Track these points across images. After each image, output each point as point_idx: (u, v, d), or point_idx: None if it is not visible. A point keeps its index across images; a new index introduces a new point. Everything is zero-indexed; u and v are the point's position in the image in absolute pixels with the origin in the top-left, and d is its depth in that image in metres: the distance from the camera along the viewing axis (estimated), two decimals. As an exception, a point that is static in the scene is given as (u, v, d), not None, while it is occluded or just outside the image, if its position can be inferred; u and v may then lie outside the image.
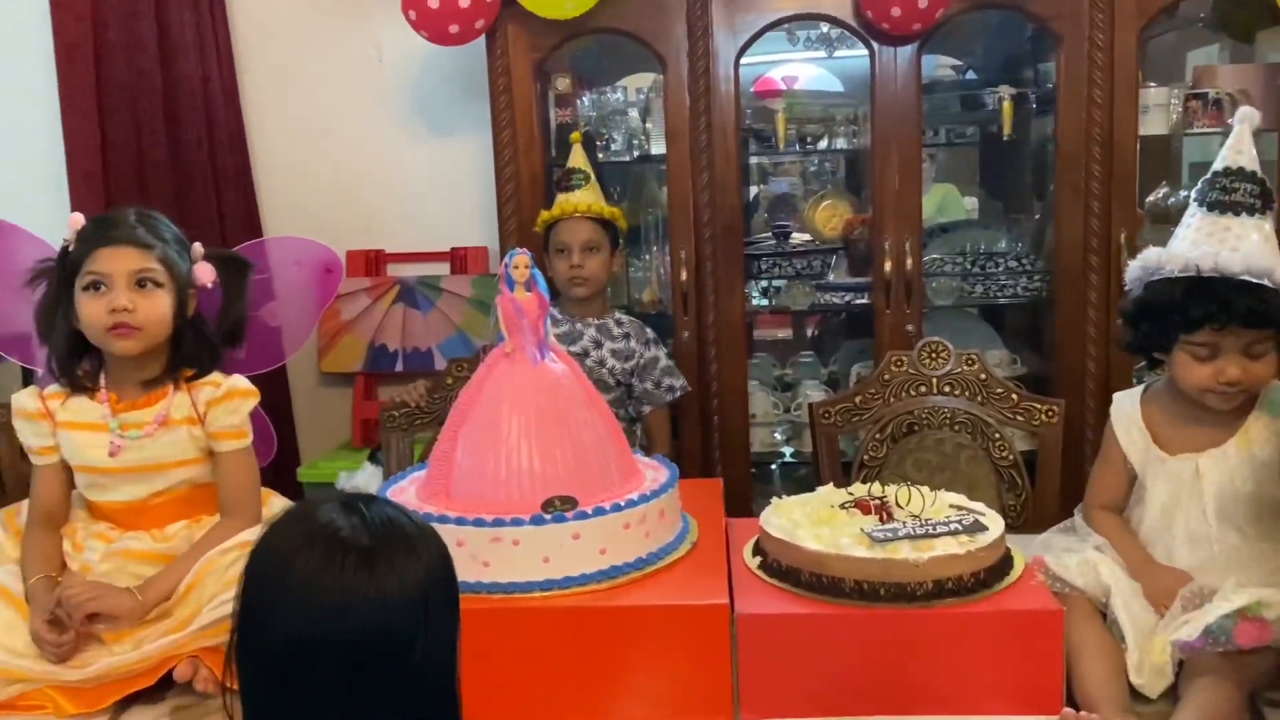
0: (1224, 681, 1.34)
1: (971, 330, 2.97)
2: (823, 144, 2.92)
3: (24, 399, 1.67)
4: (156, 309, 1.61)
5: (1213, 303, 1.46)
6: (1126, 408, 1.69)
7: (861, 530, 1.36)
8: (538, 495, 1.39)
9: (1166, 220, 3.00)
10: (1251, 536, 1.51)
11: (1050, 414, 2.16)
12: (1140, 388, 1.73)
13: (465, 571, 1.34)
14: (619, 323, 2.47)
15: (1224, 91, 2.63)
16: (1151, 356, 1.64)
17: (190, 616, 1.51)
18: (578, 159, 2.44)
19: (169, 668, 1.48)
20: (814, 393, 2.92)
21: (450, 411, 1.51)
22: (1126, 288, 1.67)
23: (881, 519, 1.42)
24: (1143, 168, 2.64)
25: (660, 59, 2.64)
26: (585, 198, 2.38)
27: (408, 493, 1.52)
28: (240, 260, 1.78)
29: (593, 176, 2.45)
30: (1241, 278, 1.45)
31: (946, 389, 2.22)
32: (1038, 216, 3.08)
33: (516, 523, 1.35)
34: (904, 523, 1.38)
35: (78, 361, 1.66)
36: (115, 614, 1.50)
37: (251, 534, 1.63)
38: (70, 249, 1.61)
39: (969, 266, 2.87)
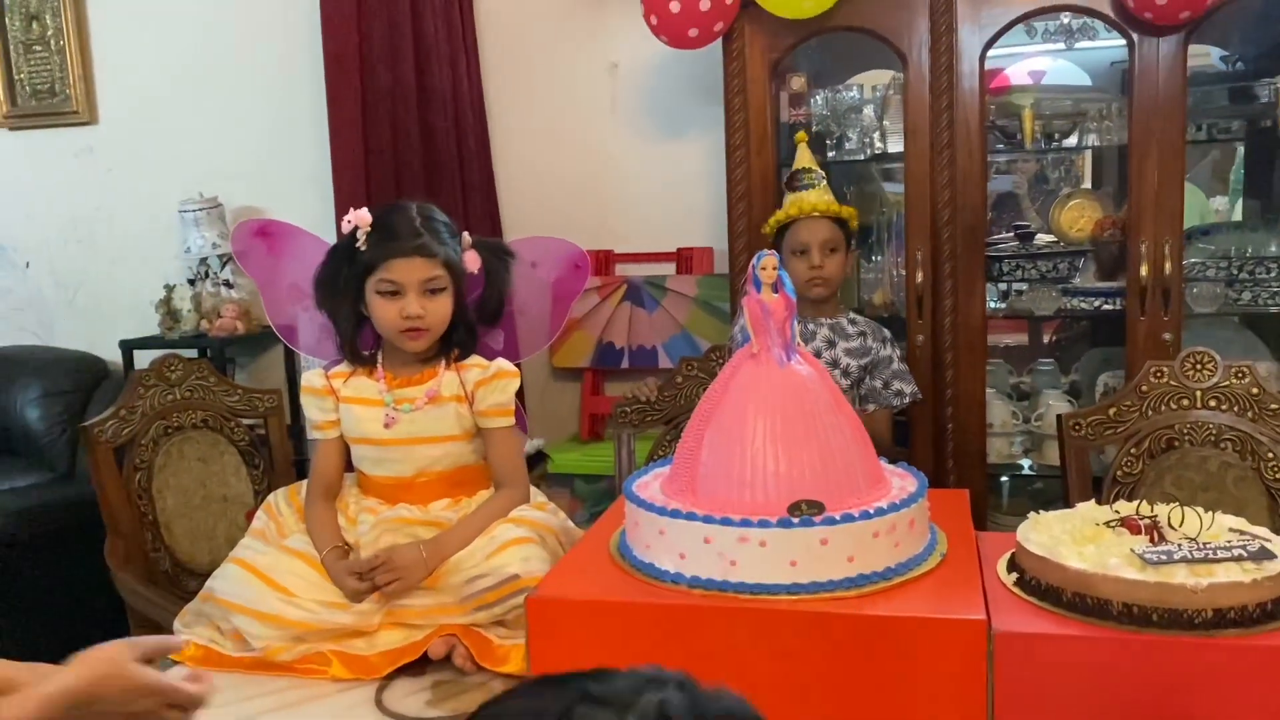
0: None
1: (1234, 340, 2.74)
2: (1071, 140, 2.77)
3: (312, 378, 1.83)
4: (442, 310, 1.76)
5: None
6: None
7: (1132, 551, 1.28)
8: (783, 498, 1.38)
9: None
10: None
11: (1335, 434, 1.96)
12: None
13: (712, 569, 1.37)
14: (853, 321, 2.43)
15: None
16: None
17: (457, 585, 1.61)
18: (805, 159, 2.42)
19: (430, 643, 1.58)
20: (1056, 403, 2.78)
21: (695, 410, 1.53)
22: None
23: (1153, 540, 1.33)
24: None
25: (900, 55, 2.58)
26: (821, 197, 2.35)
27: (652, 488, 1.55)
28: (504, 248, 1.90)
29: (824, 176, 2.42)
30: None
31: (1212, 403, 2.06)
32: None
33: (764, 524, 1.34)
34: (1179, 545, 1.29)
35: (360, 342, 1.80)
36: (403, 565, 1.62)
37: (524, 509, 1.74)
38: (361, 247, 1.74)
39: (1234, 272, 2.65)
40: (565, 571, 1.50)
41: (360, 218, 1.74)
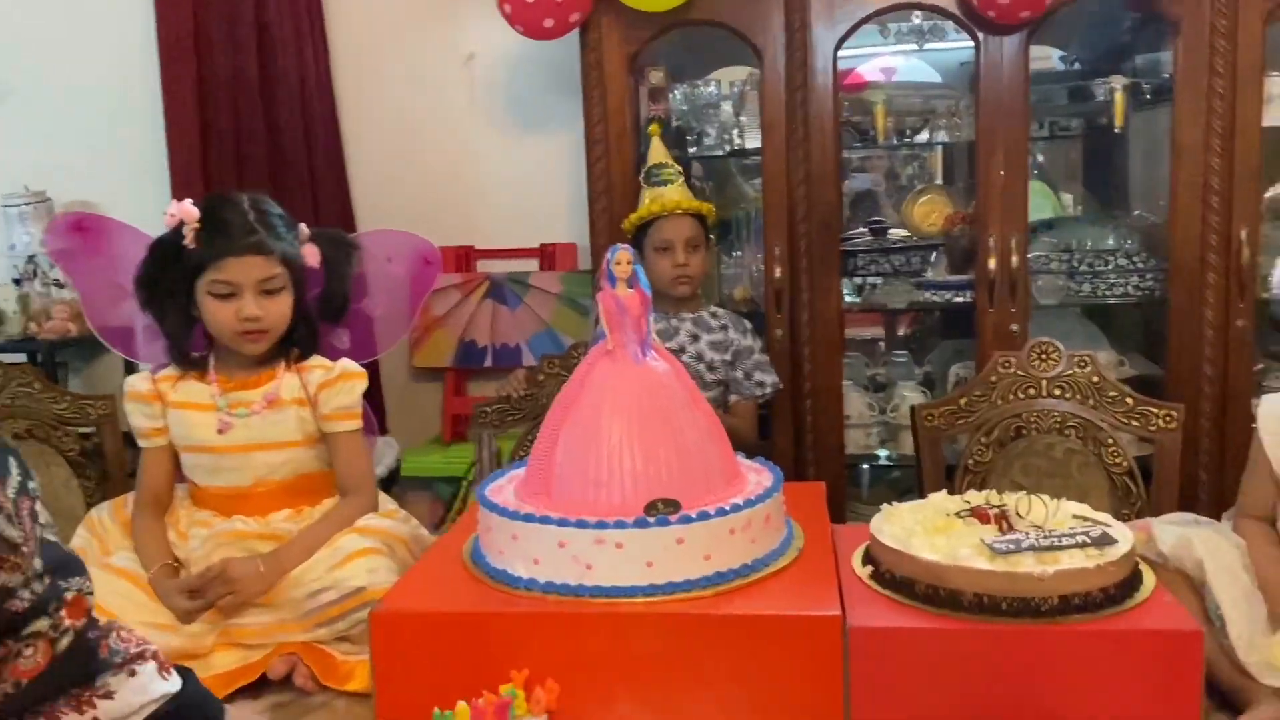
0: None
1: (1076, 331, 2.85)
2: (922, 137, 2.83)
3: (137, 381, 1.71)
4: (282, 309, 1.67)
5: None
6: (1276, 413, 1.59)
7: (981, 541, 1.29)
8: (640, 498, 1.35)
9: (1286, 218, 2.85)
10: None
11: (1169, 419, 2.05)
12: (1292, 392, 1.62)
13: (567, 574, 1.32)
14: (715, 315, 2.42)
15: (1356, 81, 2.48)
16: None
17: (297, 600, 1.52)
18: (660, 153, 2.40)
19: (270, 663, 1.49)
20: (910, 394, 2.84)
21: (549, 410, 1.48)
22: (1274, 291, 1.57)
23: (1001, 529, 1.35)
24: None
25: (756, 51, 2.58)
26: (681, 194, 2.34)
27: (506, 492, 1.50)
28: (344, 239, 1.81)
29: (681, 171, 2.40)
30: None
31: (1057, 392, 2.13)
32: (1136, 212, 2.95)
33: (620, 525, 1.31)
34: (1026, 533, 1.31)
35: (190, 344, 1.69)
36: (238, 578, 1.52)
37: (371, 518, 1.66)
38: (189, 244, 1.62)
39: (1075, 264, 2.75)
40: (412, 582, 1.43)
41: (186, 212, 1.62)
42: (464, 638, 1.31)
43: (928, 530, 1.36)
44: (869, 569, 1.39)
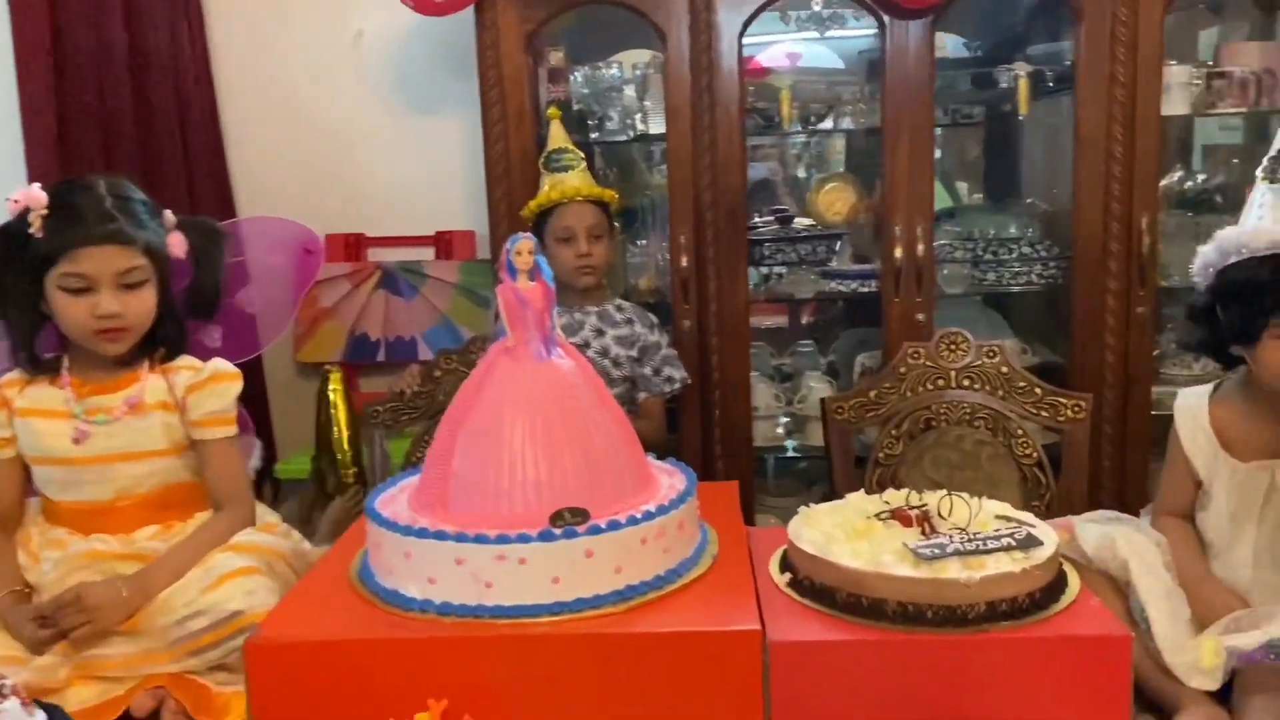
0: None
1: (978, 319, 2.85)
2: (827, 124, 2.78)
3: None
4: (144, 305, 1.52)
5: None
6: (1192, 408, 1.57)
7: (905, 545, 1.23)
8: (545, 508, 1.25)
9: (1183, 205, 2.89)
10: None
11: (1077, 409, 2.04)
12: (1206, 387, 1.61)
13: (465, 594, 1.22)
14: (620, 308, 2.33)
15: (1249, 70, 2.51)
16: (1227, 355, 1.52)
17: (165, 627, 1.38)
18: (560, 137, 2.30)
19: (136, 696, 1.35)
20: (816, 384, 2.80)
21: (445, 413, 1.37)
22: (1195, 279, 1.55)
23: (924, 531, 1.29)
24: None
25: (660, 33, 2.49)
26: (583, 180, 2.24)
27: (398, 503, 1.38)
28: (213, 227, 1.65)
29: (583, 158, 2.30)
30: None
31: (966, 383, 2.10)
32: (1029, 200, 2.95)
33: (523, 539, 1.21)
34: (950, 536, 1.25)
35: (37, 344, 1.52)
36: (95, 605, 1.36)
37: (248, 533, 1.51)
38: (36, 233, 1.45)
39: (980, 253, 2.74)
40: (294, 605, 1.30)
41: (31, 197, 1.45)
42: (351, 667, 1.19)
43: (848, 535, 1.30)
44: (787, 576, 1.32)
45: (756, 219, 3.00)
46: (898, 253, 2.53)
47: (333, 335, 3.02)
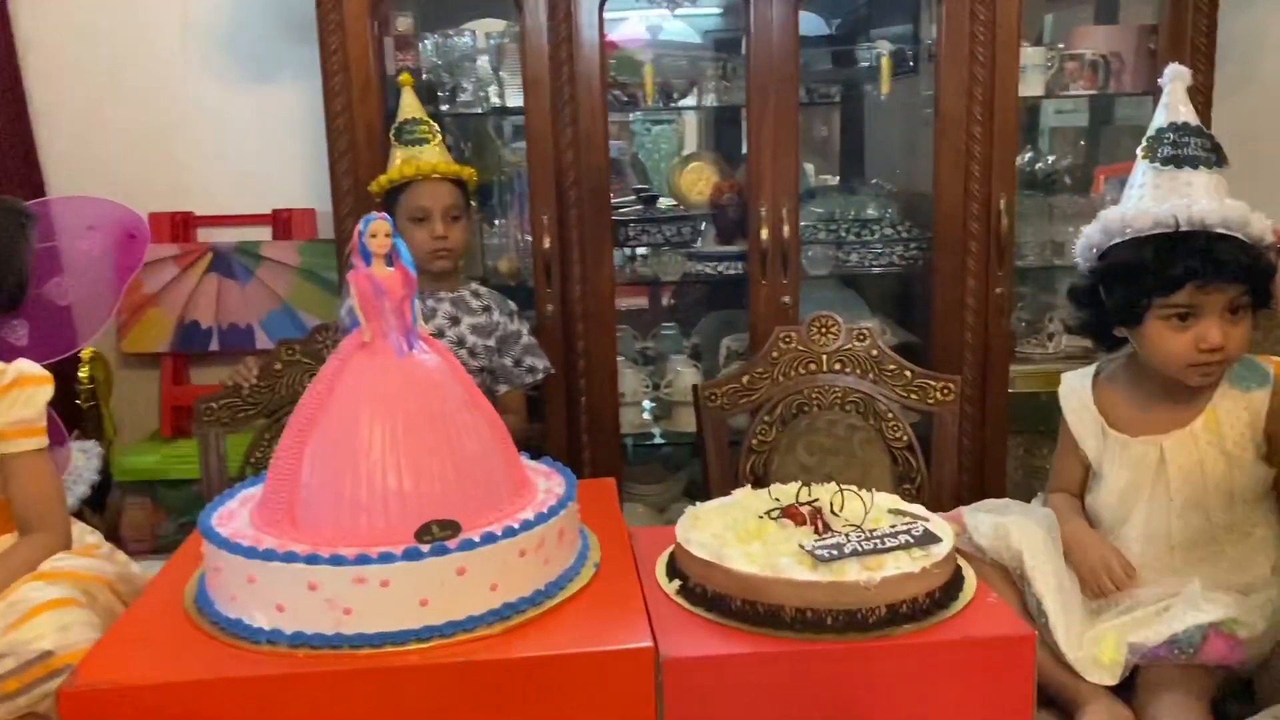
0: (1188, 698, 1.23)
1: (838, 301, 2.83)
2: (689, 100, 2.70)
3: None
4: None
5: (1194, 257, 1.33)
6: (1077, 390, 1.56)
7: (801, 547, 1.16)
8: (409, 522, 1.12)
9: (1033, 186, 2.95)
10: (1220, 526, 1.40)
11: (946, 391, 2.03)
12: (1090, 369, 1.60)
13: (321, 622, 1.08)
14: (476, 294, 2.19)
15: (1098, 53, 2.56)
16: (1110, 336, 1.50)
17: None
18: (413, 107, 2.14)
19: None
20: (682, 369, 2.73)
21: (291, 417, 1.21)
22: (1078, 260, 1.53)
23: (818, 530, 1.22)
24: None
25: (516, 1, 2.35)
26: (440, 156, 2.09)
27: (239, 518, 1.22)
28: (16, 208, 1.43)
29: (439, 131, 2.15)
30: (1218, 230, 1.34)
31: (837, 366, 2.06)
32: (875, 181, 2.96)
33: (386, 558, 1.08)
34: (846, 535, 1.19)
35: None
36: None
37: (62, 558, 1.32)
38: None
39: (842, 234, 2.72)
40: (116, 642, 1.12)
41: None
42: (188, 713, 1.04)
43: (740, 536, 1.22)
44: (676, 584, 1.23)
45: (623, 199, 2.90)
46: (764, 234, 2.47)
47: (159, 323, 2.77)
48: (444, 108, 2.58)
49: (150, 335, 2.77)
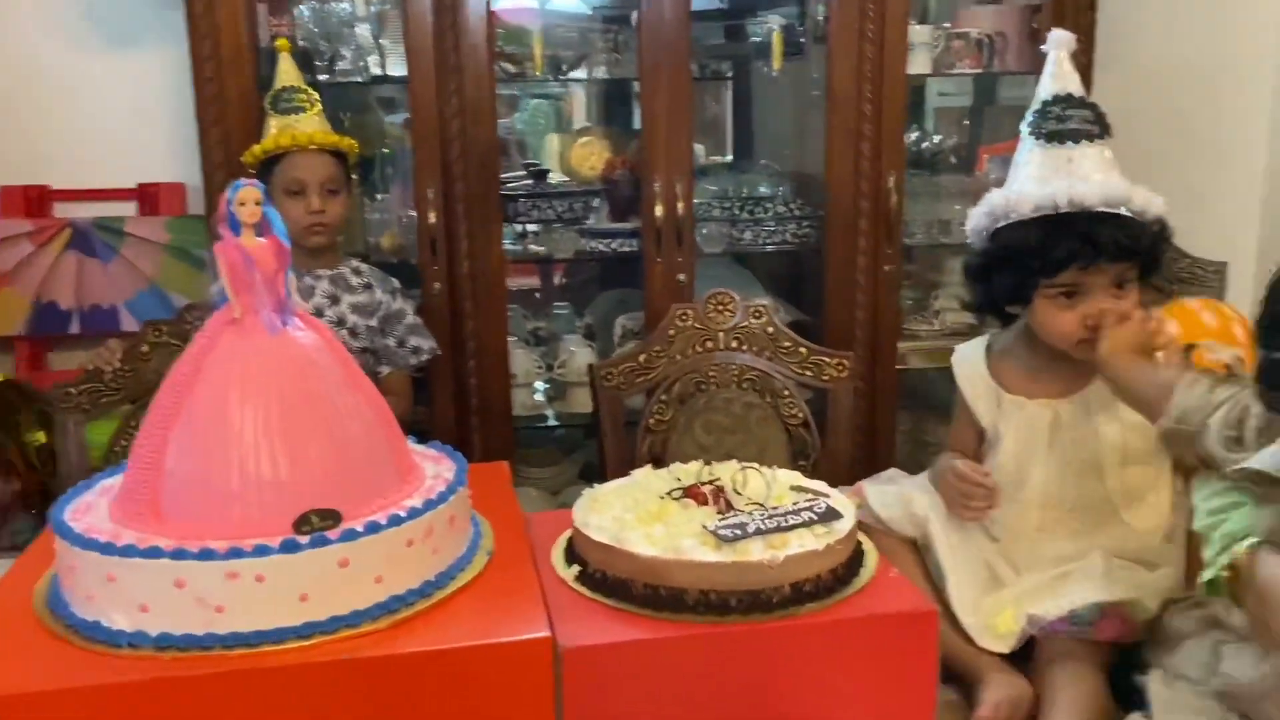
0: (1084, 668, 1.25)
1: (730, 278, 2.81)
2: (580, 73, 2.64)
3: None
4: None
5: (1075, 240, 1.34)
6: (970, 360, 1.57)
7: (704, 527, 1.12)
8: (287, 511, 1.04)
9: (919, 165, 2.98)
10: (1115, 490, 1.42)
11: (840, 367, 2.03)
12: (982, 339, 1.60)
13: (190, 622, 0.99)
14: (357, 271, 2.10)
15: (983, 33, 2.59)
16: (1004, 313, 1.51)
17: None
18: (290, 74, 2.04)
19: None
20: (576, 348, 2.68)
21: (154, 400, 1.12)
22: (969, 240, 1.53)
23: (720, 509, 1.19)
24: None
25: (398, -37, 2.26)
26: (317, 126, 1.98)
27: (98, 510, 1.12)
28: None
29: (318, 99, 2.04)
30: (1100, 209, 1.34)
31: (734, 344, 2.04)
32: (763, 161, 2.95)
33: (261, 551, 1.00)
34: (750, 514, 1.15)
35: None
36: None
37: None
38: None
39: (736, 212, 2.70)
40: (-44, 653, 1.02)
41: None
42: (39, 728, 0.94)
43: (640, 518, 1.17)
44: (575, 569, 1.18)
45: (512, 174, 2.82)
46: (658, 210, 2.43)
47: (13, 304, 2.58)
48: (322, 77, 2.46)
49: (2, 317, 2.58)
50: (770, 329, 2.04)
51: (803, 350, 2.03)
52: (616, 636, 1.06)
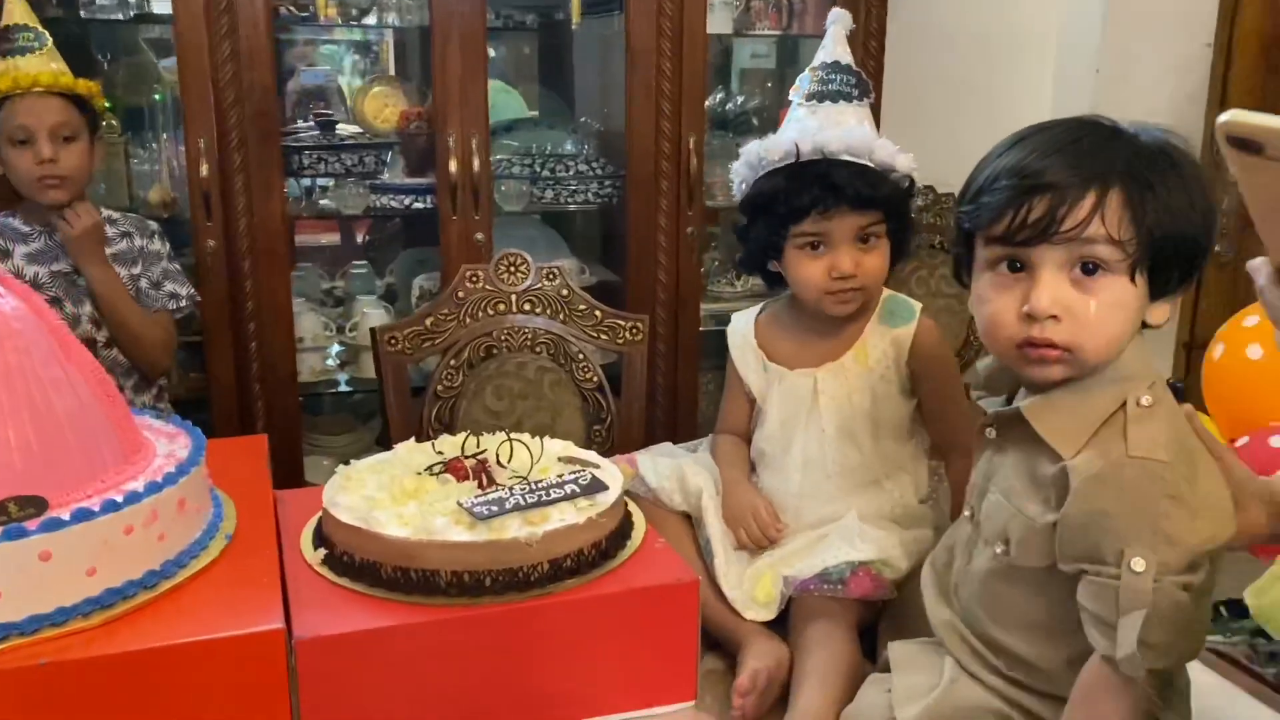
0: (834, 625, 1.27)
1: (538, 239, 2.76)
2: (370, 19, 2.50)
3: None
4: None
5: (816, 185, 1.35)
6: (741, 329, 1.56)
7: (459, 505, 1.07)
8: (-21, 499, 0.93)
9: (724, 126, 2.98)
10: (871, 456, 1.44)
11: (635, 331, 2.00)
12: (756, 308, 1.60)
13: None
14: (112, 221, 1.92)
15: (783, -5, 2.60)
16: (767, 271, 1.50)
17: None
18: (19, 12, 1.83)
19: None
20: (371, 310, 2.56)
21: None
22: (735, 195, 1.52)
23: (481, 485, 1.13)
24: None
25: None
26: (44, 65, 1.78)
27: None
28: None
29: (49, 38, 1.84)
30: (843, 158, 1.36)
31: (527, 307, 1.98)
32: (584, 119, 2.91)
33: (-58, 547, 0.88)
34: (510, 489, 1.11)
35: None
36: None
37: None
38: None
39: (537, 170, 2.63)
40: None
41: None
42: None
43: (394, 497, 1.11)
44: (321, 553, 1.10)
45: (299, 125, 2.66)
46: (453, 166, 2.34)
47: None
48: (82, 13, 2.24)
49: None
50: (565, 292, 1.98)
51: (597, 313, 1.99)
52: (358, 625, 0.99)
